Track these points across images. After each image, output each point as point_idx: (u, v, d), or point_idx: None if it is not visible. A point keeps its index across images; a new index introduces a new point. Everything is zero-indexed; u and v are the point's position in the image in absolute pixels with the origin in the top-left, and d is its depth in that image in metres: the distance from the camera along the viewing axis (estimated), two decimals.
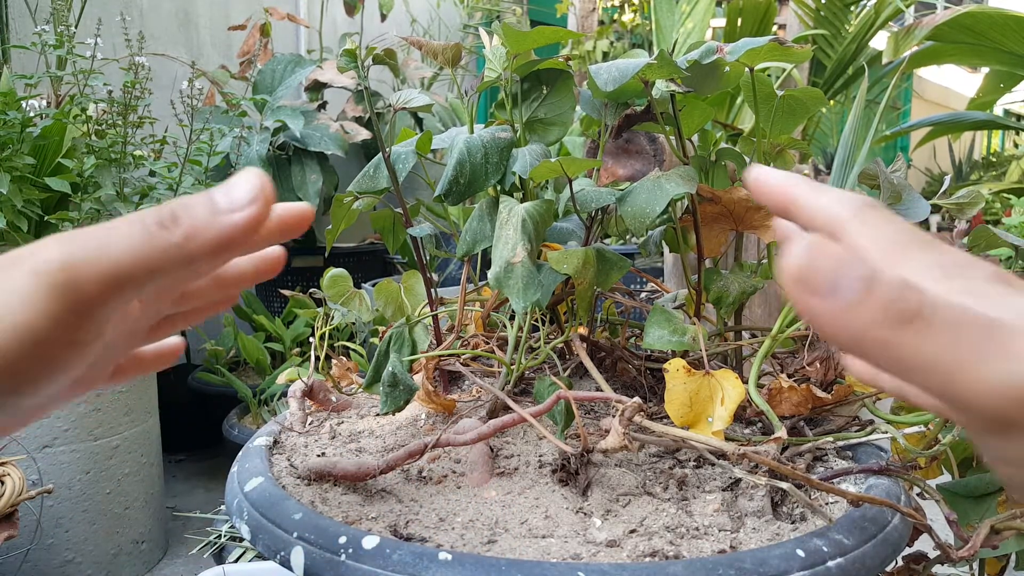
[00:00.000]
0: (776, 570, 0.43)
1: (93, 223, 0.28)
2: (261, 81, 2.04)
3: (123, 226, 0.26)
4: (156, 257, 0.26)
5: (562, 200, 0.74)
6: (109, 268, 0.25)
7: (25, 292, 0.24)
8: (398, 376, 0.63)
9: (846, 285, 0.22)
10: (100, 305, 0.26)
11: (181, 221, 0.26)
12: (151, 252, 0.25)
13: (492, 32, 0.75)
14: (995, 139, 8.22)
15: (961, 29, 2.02)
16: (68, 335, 0.26)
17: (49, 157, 1.40)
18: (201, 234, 0.26)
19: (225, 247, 0.26)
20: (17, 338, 0.25)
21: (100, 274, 0.25)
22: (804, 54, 0.64)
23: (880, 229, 0.26)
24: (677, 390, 0.57)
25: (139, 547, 1.49)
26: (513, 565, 0.43)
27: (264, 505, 0.52)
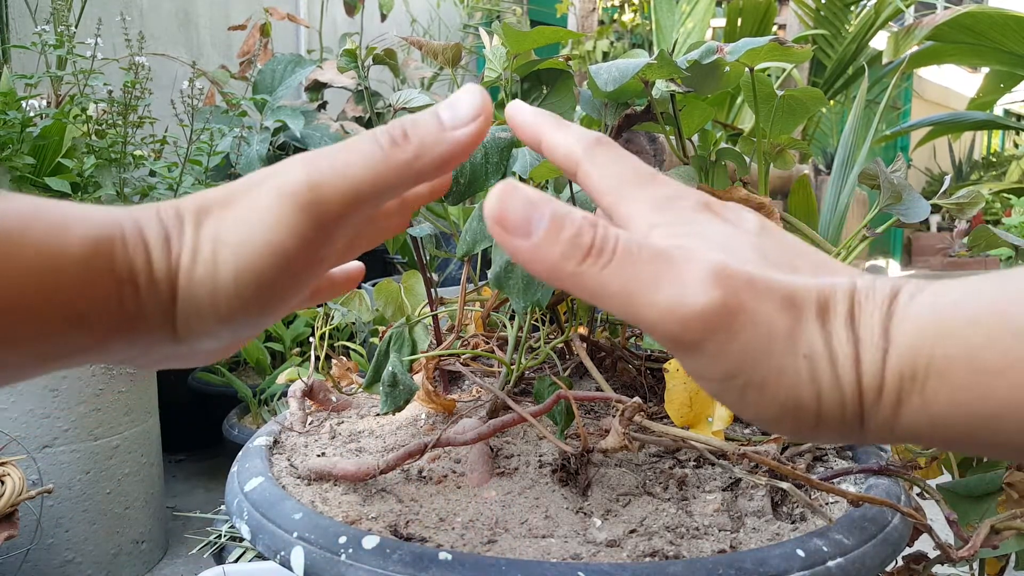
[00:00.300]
0: (776, 570, 0.43)
1: None
2: (261, 81, 2.04)
3: (360, 145, 0.27)
4: (392, 174, 0.27)
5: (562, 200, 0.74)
6: (351, 186, 0.26)
7: (276, 213, 0.26)
8: (398, 376, 0.63)
9: (536, 224, 0.23)
10: (342, 222, 0.27)
11: (411, 138, 0.27)
12: (387, 169, 0.27)
13: (492, 32, 0.75)
14: (995, 139, 8.22)
15: (961, 29, 2.02)
16: (314, 251, 0.27)
17: (49, 157, 1.40)
18: (431, 151, 0.27)
19: (450, 162, 0.28)
20: (272, 256, 0.26)
21: (343, 193, 0.26)
22: (804, 54, 0.64)
23: (607, 168, 0.28)
24: (677, 390, 0.57)
25: (139, 547, 1.49)
26: (513, 565, 0.43)
27: (264, 505, 0.52)
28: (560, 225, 0.23)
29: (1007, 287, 0.22)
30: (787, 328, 0.23)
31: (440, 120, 0.27)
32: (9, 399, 1.29)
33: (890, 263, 6.98)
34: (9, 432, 1.29)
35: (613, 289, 0.23)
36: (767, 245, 0.26)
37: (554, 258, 0.23)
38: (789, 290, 0.23)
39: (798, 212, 1.00)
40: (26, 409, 1.31)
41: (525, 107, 0.31)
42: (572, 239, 0.23)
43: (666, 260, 0.23)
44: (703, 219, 0.26)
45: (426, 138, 0.27)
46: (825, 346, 0.23)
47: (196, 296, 0.26)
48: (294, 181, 0.26)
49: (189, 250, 0.26)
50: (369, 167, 0.27)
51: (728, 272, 0.23)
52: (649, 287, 0.23)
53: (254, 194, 0.26)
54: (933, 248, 6.73)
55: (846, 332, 0.23)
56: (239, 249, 0.26)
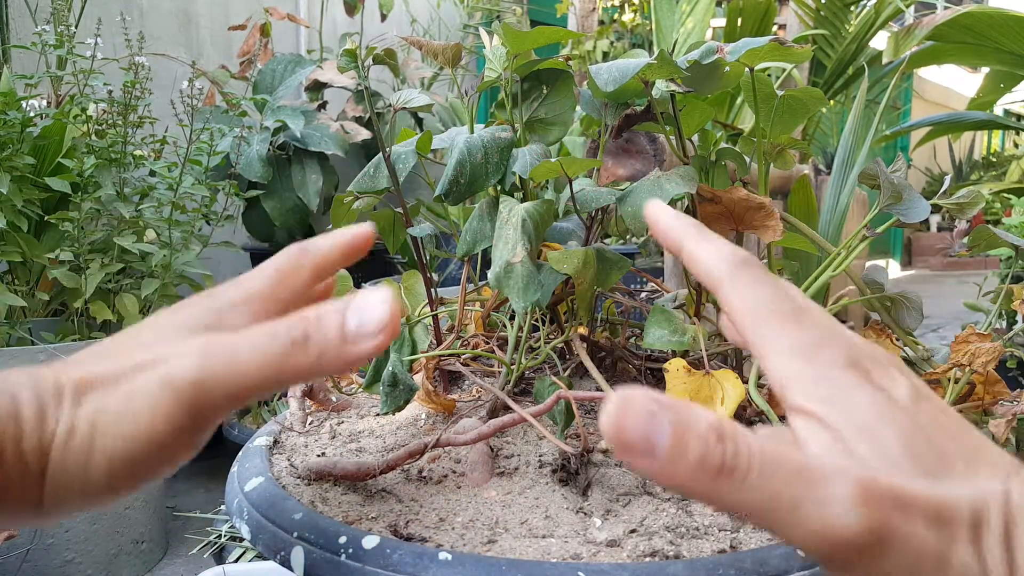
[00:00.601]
0: (776, 570, 0.43)
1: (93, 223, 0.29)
2: (261, 81, 2.04)
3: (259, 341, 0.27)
4: (286, 376, 0.27)
5: (562, 200, 0.74)
6: (241, 384, 0.27)
7: (157, 407, 0.26)
8: (398, 376, 0.63)
9: (659, 443, 0.22)
10: (215, 417, 0.28)
11: (312, 346, 0.27)
12: (282, 372, 0.27)
13: (492, 32, 0.75)
14: (995, 139, 8.22)
15: (961, 29, 2.02)
16: (189, 439, 0.27)
17: (49, 157, 1.40)
18: (330, 360, 0.27)
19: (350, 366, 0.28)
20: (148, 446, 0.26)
21: (232, 390, 0.27)
22: (804, 54, 0.64)
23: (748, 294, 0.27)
24: (677, 390, 0.57)
25: (139, 547, 1.49)
26: (513, 565, 0.43)
27: (264, 505, 0.52)
28: (684, 444, 0.22)
29: None
30: (937, 550, 0.22)
31: (345, 331, 0.27)
32: None
33: (890, 263, 6.98)
34: None
35: (752, 508, 0.22)
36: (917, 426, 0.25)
37: (683, 478, 0.22)
38: (939, 506, 0.22)
39: (798, 212, 1.00)
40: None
41: (666, 211, 0.30)
42: (700, 460, 0.22)
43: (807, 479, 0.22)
44: (849, 383, 0.25)
45: (327, 348, 0.27)
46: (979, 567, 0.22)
47: (68, 474, 0.26)
48: (182, 376, 0.26)
49: (64, 428, 0.26)
50: (264, 366, 0.27)
51: (874, 491, 0.22)
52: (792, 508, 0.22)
53: (139, 380, 0.26)
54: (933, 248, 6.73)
55: (1000, 552, 0.22)
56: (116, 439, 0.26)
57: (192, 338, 0.28)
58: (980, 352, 0.58)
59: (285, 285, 0.31)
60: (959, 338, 0.59)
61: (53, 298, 1.46)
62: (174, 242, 1.47)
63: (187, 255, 1.48)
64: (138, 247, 1.39)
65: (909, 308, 0.68)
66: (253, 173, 1.87)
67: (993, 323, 0.77)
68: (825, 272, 0.62)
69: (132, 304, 1.42)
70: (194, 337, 0.28)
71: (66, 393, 0.26)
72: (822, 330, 0.26)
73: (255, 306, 0.31)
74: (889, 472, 0.23)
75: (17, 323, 1.34)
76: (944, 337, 3.47)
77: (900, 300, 0.68)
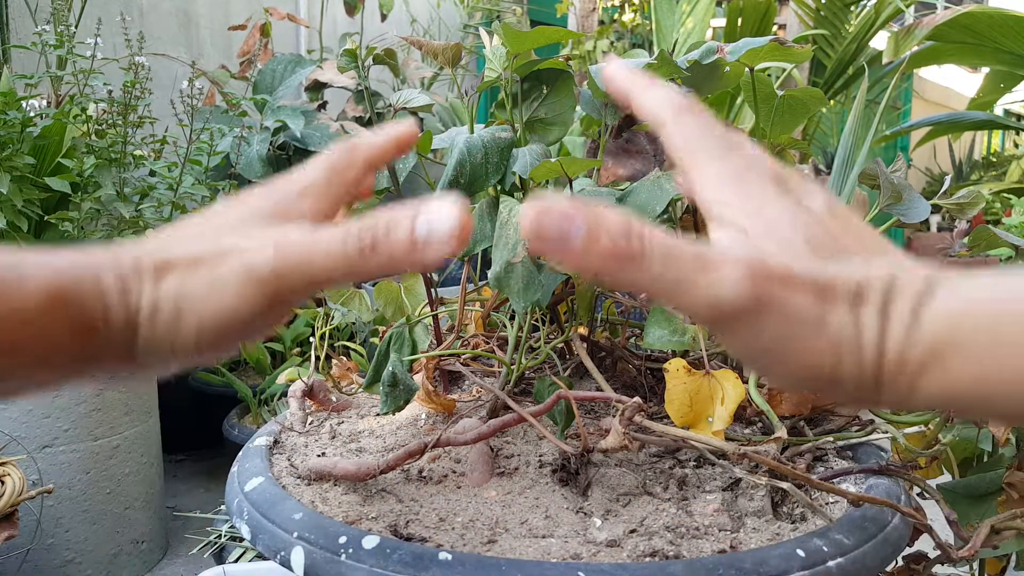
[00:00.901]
0: (776, 570, 0.43)
1: (93, 223, 0.31)
2: (261, 81, 2.04)
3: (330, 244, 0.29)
4: (354, 276, 0.29)
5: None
6: (313, 280, 0.29)
7: (240, 291, 0.28)
8: (398, 376, 0.63)
9: (573, 235, 0.24)
10: (295, 302, 0.30)
11: (381, 252, 0.28)
12: (348, 271, 0.29)
13: (492, 32, 0.75)
14: (995, 139, 8.22)
15: (961, 29, 2.02)
16: (266, 320, 0.30)
17: (49, 157, 1.40)
18: (398, 264, 0.28)
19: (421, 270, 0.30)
20: (233, 323, 0.29)
21: (305, 284, 0.29)
22: (804, 54, 0.64)
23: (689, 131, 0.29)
24: (677, 390, 0.57)
25: (139, 547, 1.49)
26: (513, 565, 0.43)
27: (264, 505, 0.52)
28: (596, 237, 0.24)
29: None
30: (816, 314, 0.25)
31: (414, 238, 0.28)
32: None
33: None
34: (9, 432, 1.29)
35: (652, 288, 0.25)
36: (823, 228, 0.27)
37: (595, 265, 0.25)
38: (824, 281, 0.25)
39: None
40: (26, 409, 1.31)
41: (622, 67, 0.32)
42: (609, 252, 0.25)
43: (702, 265, 0.25)
44: (767, 196, 0.28)
45: (396, 253, 0.28)
46: (853, 325, 0.25)
47: (158, 343, 0.29)
48: (262, 265, 0.28)
49: (148, 305, 0.28)
50: (334, 268, 0.28)
51: (762, 269, 0.25)
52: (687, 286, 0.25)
53: (220, 266, 0.29)
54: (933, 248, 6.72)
55: (877, 315, 0.25)
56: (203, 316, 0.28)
57: (264, 228, 0.30)
58: None
59: (340, 177, 0.33)
60: None
61: None
62: None
63: None
64: None
65: None
66: (253, 173, 1.87)
67: None
68: None
69: None
70: (265, 228, 0.30)
71: (146, 273, 0.29)
72: (750, 158, 0.29)
73: (313, 198, 0.32)
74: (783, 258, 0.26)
75: None
76: None
77: None
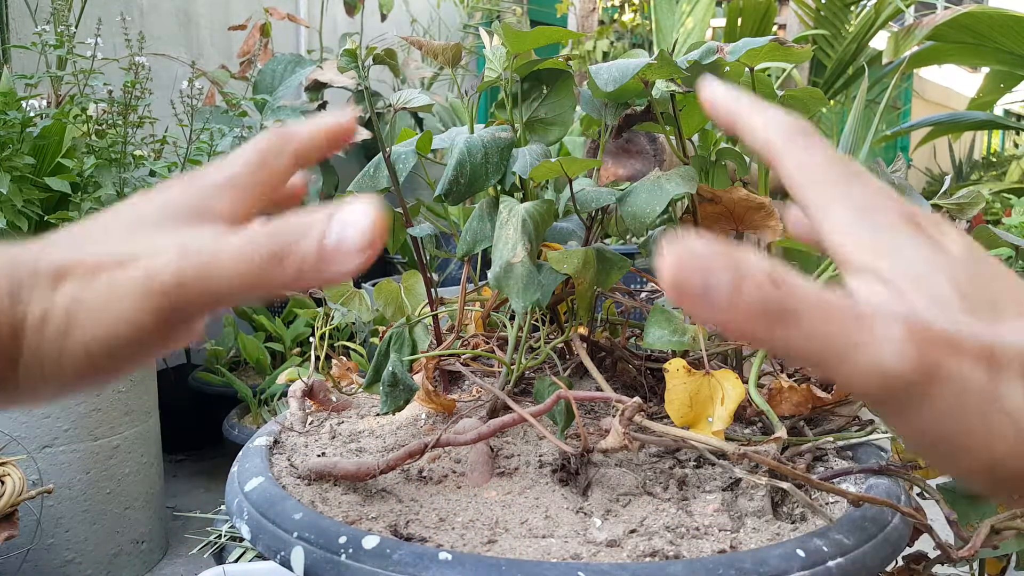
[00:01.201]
0: (776, 570, 0.43)
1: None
2: (261, 81, 2.04)
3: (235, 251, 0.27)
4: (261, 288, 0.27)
5: (562, 200, 0.74)
6: (218, 290, 0.27)
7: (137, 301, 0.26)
8: (398, 376, 0.63)
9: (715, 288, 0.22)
10: (196, 318, 0.28)
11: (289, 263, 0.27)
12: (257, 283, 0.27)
13: (492, 32, 0.75)
14: (995, 139, 8.21)
15: (961, 29, 2.02)
16: (163, 338, 0.28)
17: (49, 157, 1.40)
18: (307, 278, 0.27)
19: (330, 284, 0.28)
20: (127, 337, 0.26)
21: (204, 297, 0.27)
22: (804, 54, 0.64)
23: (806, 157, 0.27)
24: (677, 390, 0.57)
25: (139, 547, 1.49)
26: (513, 565, 0.43)
27: (264, 505, 0.52)
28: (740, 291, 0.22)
29: None
30: (985, 387, 0.23)
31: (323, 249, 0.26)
32: None
33: None
34: (9, 432, 1.29)
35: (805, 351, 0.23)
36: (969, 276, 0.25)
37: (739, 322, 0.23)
38: (989, 346, 0.23)
39: None
40: (26, 409, 1.31)
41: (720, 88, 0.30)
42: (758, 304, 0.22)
43: (860, 323, 0.23)
44: (903, 236, 0.25)
45: (304, 266, 0.26)
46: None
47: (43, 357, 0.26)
48: (163, 273, 0.26)
49: (38, 314, 0.26)
50: (239, 279, 0.27)
51: (925, 332, 0.23)
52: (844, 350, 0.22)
53: (120, 275, 0.26)
54: None
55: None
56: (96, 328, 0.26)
57: (174, 230, 0.28)
58: None
59: (266, 170, 0.31)
60: None
61: None
62: None
63: None
64: None
65: None
66: None
67: None
68: (825, 272, 0.62)
69: None
70: (176, 228, 0.28)
71: (41, 278, 0.26)
72: (877, 191, 0.26)
73: (236, 191, 0.30)
74: (941, 317, 0.23)
75: None
76: None
77: None
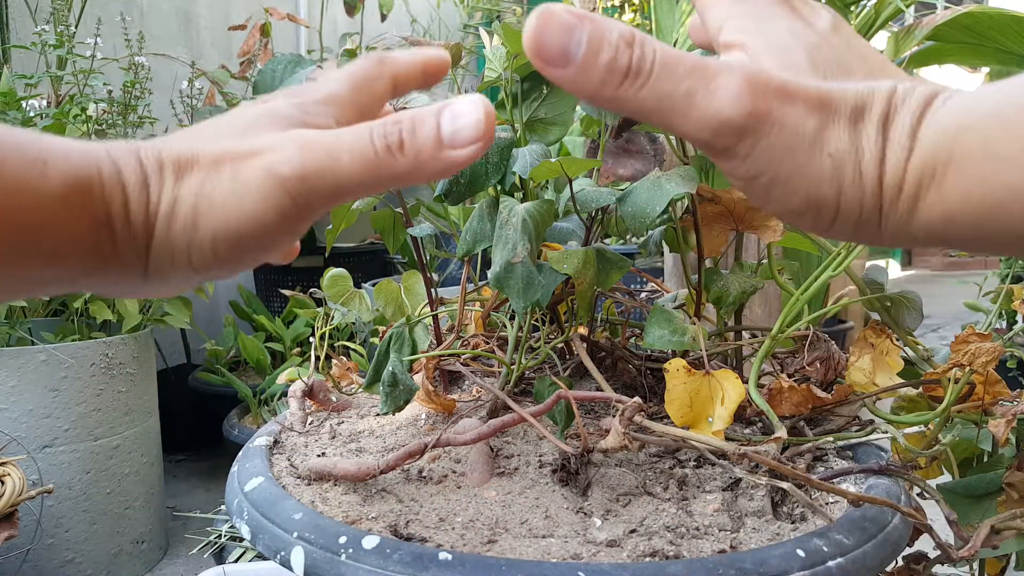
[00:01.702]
0: (776, 570, 0.43)
1: None
2: (261, 81, 2.04)
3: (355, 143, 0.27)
4: (382, 179, 0.27)
5: (562, 200, 0.74)
6: (338, 183, 0.27)
7: (263, 192, 0.26)
8: (398, 376, 0.63)
9: (573, 52, 0.24)
10: (320, 209, 0.28)
11: (407, 151, 0.27)
12: (377, 174, 0.27)
13: (492, 32, 0.75)
14: None
15: (961, 29, 2.01)
16: (289, 227, 0.28)
17: None
18: (425, 167, 0.27)
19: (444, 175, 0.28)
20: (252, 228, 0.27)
21: (328, 188, 0.27)
22: None
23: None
24: (677, 390, 0.57)
25: (139, 547, 1.49)
26: (513, 565, 0.43)
27: (264, 505, 0.52)
28: (597, 49, 0.24)
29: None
30: (814, 129, 0.24)
31: (440, 135, 0.27)
32: (9, 399, 1.29)
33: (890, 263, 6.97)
34: (9, 432, 1.29)
35: (651, 106, 0.24)
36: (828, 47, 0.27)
37: (593, 85, 0.24)
38: (823, 95, 0.24)
39: None
40: (26, 409, 1.31)
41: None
42: (609, 64, 0.24)
43: (701, 73, 0.24)
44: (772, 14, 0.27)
45: (422, 153, 0.27)
46: (852, 145, 0.24)
47: (173, 247, 0.27)
48: (287, 166, 0.26)
49: (168, 202, 0.26)
50: (360, 169, 0.27)
51: (761, 81, 0.24)
52: (684, 101, 0.24)
53: (244, 166, 0.27)
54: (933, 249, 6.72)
55: (876, 134, 0.24)
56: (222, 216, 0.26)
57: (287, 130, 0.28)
58: (980, 352, 0.58)
59: (364, 91, 0.31)
60: (959, 338, 0.59)
61: (53, 298, 1.47)
62: None
63: None
64: None
65: (909, 308, 0.68)
66: None
67: (993, 323, 0.77)
68: (825, 272, 0.62)
69: (132, 304, 1.42)
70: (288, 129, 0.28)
71: (168, 169, 0.27)
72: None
73: (336, 108, 0.30)
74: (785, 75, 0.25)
75: (17, 323, 1.34)
76: (944, 337, 3.47)
77: (900, 300, 0.68)
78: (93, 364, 1.36)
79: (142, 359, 1.47)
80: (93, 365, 1.36)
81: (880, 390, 0.62)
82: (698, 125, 0.24)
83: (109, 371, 1.38)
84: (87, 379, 1.35)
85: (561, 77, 0.25)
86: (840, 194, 0.24)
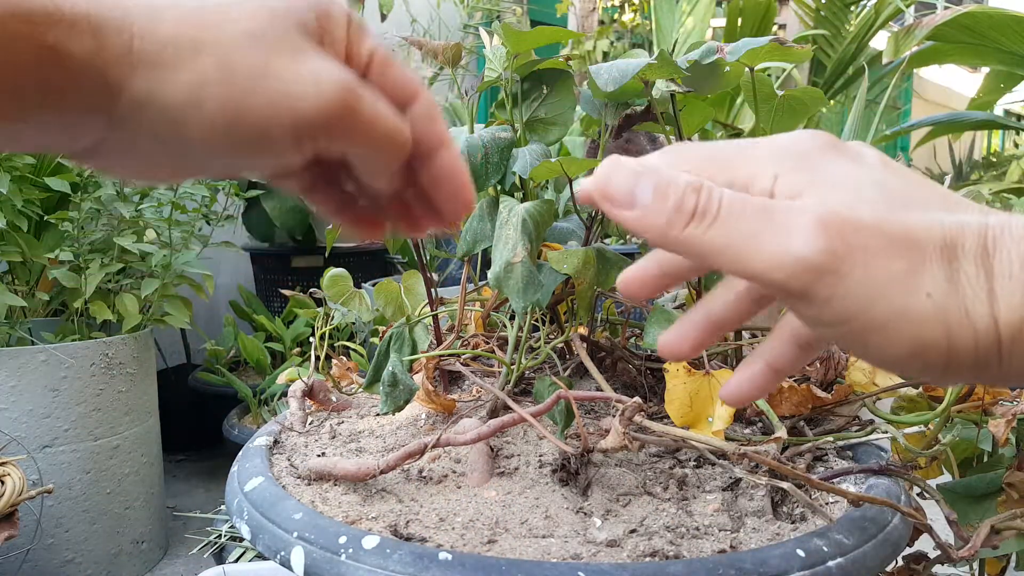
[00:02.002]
0: (776, 570, 0.43)
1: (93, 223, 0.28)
2: None
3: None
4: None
5: (562, 200, 0.74)
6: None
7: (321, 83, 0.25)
8: (398, 376, 0.63)
9: (640, 195, 0.24)
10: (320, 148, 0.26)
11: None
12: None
13: (492, 32, 0.75)
14: (995, 139, 8.21)
15: (961, 29, 2.02)
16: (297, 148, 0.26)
17: (49, 156, 1.40)
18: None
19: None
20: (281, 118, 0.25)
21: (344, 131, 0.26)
22: (804, 54, 0.64)
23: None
24: (677, 390, 0.57)
25: (139, 547, 1.49)
26: (513, 565, 0.43)
27: (264, 505, 0.52)
28: (664, 194, 0.24)
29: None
30: (904, 269, 0.23)
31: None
32: (9, 399, 1.29)
33: None
34: (9, 432, 1.29)
35: (720, 246, 0.24)
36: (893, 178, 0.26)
37: (660, 226, 0.24)
38: (907, 231, 0.23)
39: None
40: (26, 409, 1.31)
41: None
42: (676, 205, 0.24)
43: (771, 213, 0.24)
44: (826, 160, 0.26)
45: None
46: (950, 283, 0.23)
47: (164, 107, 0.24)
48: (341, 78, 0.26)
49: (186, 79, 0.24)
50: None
51: (835, 218, 0.23)
52: (755, 241, 0.23)
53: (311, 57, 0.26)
54: None
55: (976, 269, 0.23)
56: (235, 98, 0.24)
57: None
58: None
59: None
60: None
61: (53, 298, 1.46)
62: (174, 242, 1.47)
63: (187, 255, 1.48)
64: (138, 247, 1.38)
65: None
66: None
67: None
68: None
69: (132, 304, 1.42)
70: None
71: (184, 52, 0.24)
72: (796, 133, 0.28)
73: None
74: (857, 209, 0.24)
75: (17, 323, 1.34)
76: None
77: None
78: (93, 364, 1.36)
79: (142, 359, 1.46)
80: (93, 365, 1.36)
81: (880, 390, 0.62)
82: (770, 264, 0.23)
83: (109, 371, 1.38)
84: (87, 379, 1.35)
85: (628, 218, 0.25)
86: (948, 336, 0.23)
